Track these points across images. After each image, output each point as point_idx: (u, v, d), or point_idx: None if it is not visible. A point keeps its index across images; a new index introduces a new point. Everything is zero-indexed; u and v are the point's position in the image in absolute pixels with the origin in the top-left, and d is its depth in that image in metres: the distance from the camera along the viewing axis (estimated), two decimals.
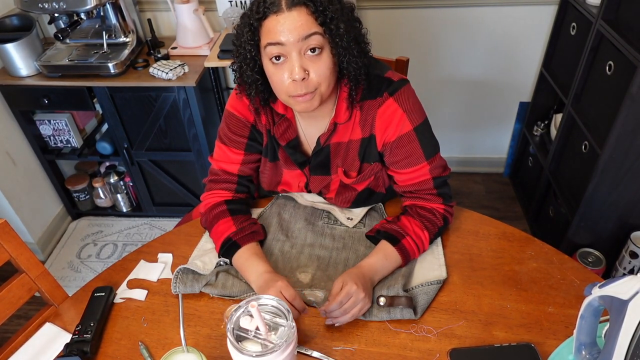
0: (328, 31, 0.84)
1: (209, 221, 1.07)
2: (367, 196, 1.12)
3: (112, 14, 1.92)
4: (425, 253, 1.04)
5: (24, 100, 2.02)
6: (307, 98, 0.89)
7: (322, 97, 0.90)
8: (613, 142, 1.49)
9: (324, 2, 0.83)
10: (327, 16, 0.83)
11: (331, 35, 0.85)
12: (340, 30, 0.85)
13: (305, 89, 0.87)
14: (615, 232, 1.73)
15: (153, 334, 0.92)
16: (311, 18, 0.83)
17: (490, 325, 0.90)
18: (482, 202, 2.43)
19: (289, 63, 0.85)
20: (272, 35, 0.84)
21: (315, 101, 0.90)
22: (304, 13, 0.83)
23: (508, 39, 2.14)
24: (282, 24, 0.83)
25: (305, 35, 0.83)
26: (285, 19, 0.82)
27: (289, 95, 0.89)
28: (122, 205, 2.43)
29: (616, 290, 0.60)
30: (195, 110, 1.96)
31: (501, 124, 2.44)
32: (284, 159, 1.08)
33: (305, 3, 0.82)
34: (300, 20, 0.82)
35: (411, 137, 0.98)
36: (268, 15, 0.83)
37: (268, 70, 0.90)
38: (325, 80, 0.88)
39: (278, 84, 0.89)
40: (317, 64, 0.86)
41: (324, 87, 0.89)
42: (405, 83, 0.98)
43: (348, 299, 0.87)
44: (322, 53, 0.86)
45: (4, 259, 0.93)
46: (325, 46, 0.86)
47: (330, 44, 0.86)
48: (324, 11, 0.83)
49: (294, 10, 0.82)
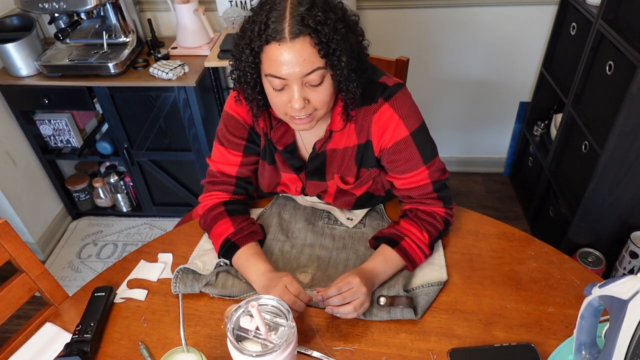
0: (330, 63, 0.83)
1: (208, 223, 1.07)
2: (367, 200, 1.12)
3: (112, 14, 1.92)
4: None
5: (24, 100, 2.02)
6: (305, 121, 0.90)
7: (319, 118, 0.91)
8: (613, 142, 1.49)
9: (328, 33, 0.80)
10: (330, 47, 0.81)
11: (332, 67, 0.83)
12: (342, 63, 0.83)
13: (306, 112, 0.87)
14: (615, 232, 1.73)
15: (153, 334, 0.92)
16: (314, 50, 0.80)
17: (490, 325, 0.90)
18: (482, 202, 2.43)
19: (290, 92, 0.85)
20: (274, 67, 0.82)
21: (313, 122, 0.91)
22: (308, 44, 0.80)
23: (508, 39, 2.14)
24: (285, 57, 0.80)
25: (307, 71, 0.82)
26: (288, 51, 0.80)
27: (286, 114, 0.90)
28: (122, 205, 2.43)
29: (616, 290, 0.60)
30: (195, 110, 1.96)
31: (501, 124, 2.44)
32: (281, 162, 1.08)
33: (310, 34, 0.79)
34: (304, 55, 0.80)
35: (408, 142, 0.97)
36: (270, 41, 0.80)
37: (268, 92, 0.89)
38: (325, 106, 0.89)
39: (276, 105, 0.90)
40: (318, 93, 0.86)
41: (323, 111, 0.90)
42: (400, 88, 0.97)
43: (348, 288, 0.87)
44: (323, 82, 0.85)
45: (4, 259, 0.94)
46: (326, 76, 0.85)
47: (331, 73, 0.85)
48: (328, 43, 0.81)
49: (298, 41, 0.79)
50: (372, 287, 0.93)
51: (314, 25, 0.79)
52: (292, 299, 0.87)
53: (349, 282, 0.87)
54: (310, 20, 0.79)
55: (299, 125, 0.91)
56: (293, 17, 0.79)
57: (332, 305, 0.88)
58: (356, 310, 0.87)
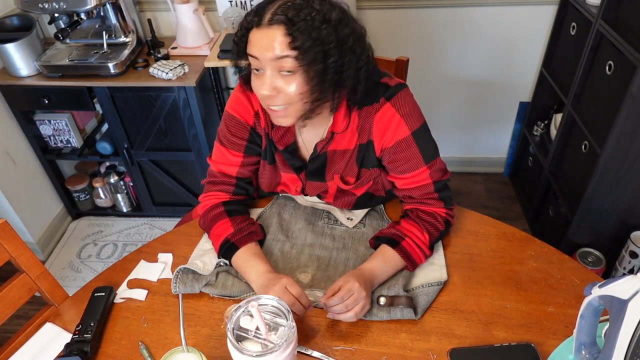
0: (300, 57, 0.82)
1: (207, 223, 1.07)
2: (367, 200, 1.12)
3: (112, 14, 1.92)
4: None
5: (24, 100, 2.02)
6: (279, 114, 0.90)
7: (296, 115, 0.90)
8: (613, 142, 1.49)
9: (303, 28, 0.80)
10: (303, 42, 0.80)
11: (303, 62, 0.82)
12: (316, 64, 0.82)
13: (274, 102, 0.87)
14: (615, 232, 1.73)
15: (153, 334, 0.92)
16: (286, 40, 0.81)
17: (490, 325, 0.90)
18: (482, 202, 2.43)
19: (264, 77, 0.86)
20: (251, 47, 0.85)
21: (289, 119, 0.90)
22: (280, 33, 0.81)
23: (508, 39, 2.14)
24: (259, 39, 0.83)
25: (277, 56, 0.82)
26: (262, 34, 0.82)
27: (266, 106, 0.90)
28: (122, 205, 2.43)
29: (616, 290, 0.60)
30: (195, 110, 1.96)
31: (501, 123, 2.44)
32: (281, 162, 1.08)
33: (284, 22, 0.81)
34: (275, 40, 0.81)
35: (409, 142, 0.97)
36: (252, 27, 0.84)
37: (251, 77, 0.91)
38: (295, 102, 0.87)
39: (255, 91, 0.90)
40: (288, 85, 0.85)
41: (295, 108, 0.88)
42: (402, 87, 0.98)
43: (350, 295, 0.87)
44: (294, 75, 0.84)
45: (4, 259, 0.94)
46: (298, 70, 0.84)
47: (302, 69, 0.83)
48: (301, 36, 0.80)
49: (272, 28, 0.81)
50: (371, 288, 0.93)
51: (291, 17, 0.81)
52: (291, 299, 0.87)
53: (349, 289, 0.87)
54: (290, 13, 0.81)
55: (275, 118, 0.92)
56: (278, 7, 0.82)
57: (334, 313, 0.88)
58: (357, 315, 0.88)
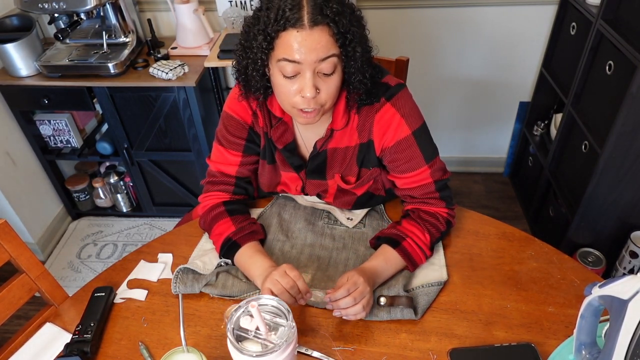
0: (344, 53, 0.84)
1: (208, 223, 1.07)
2: (367, 199, 1.12)
3: (112, 14, 1.92)
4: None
5: (24, 100, 2.02)
6: (311, 115, 0.90)
7: (325, 112, 0.92)
8: (613, 142, 1.49)
9: (346, 24, 0.82)
10: (347, 38, 0.83)
11: (347, 57, 0.85)
12: (357, 54, 0.85)
13: (315, 105, 0.87)
14: (615, 232, 1.73)
15: (153, 334, 0.92)
16: (332, 39, 0.82)
17: (490, 325, 0.90)
18: (482, 202, 2.43)
19: (301, 80, 0.85)
20: (289, 51, 0.82)
21: (318, 116, 0.92)
22: (326, 33, 0.81)
23: (508, 39, 2.14)
24: (302, 42, 0.81)
25: (323, 57, 0.82)
26: (306, 37, 0.80)
27: (293, 107, 0.89)
28: (122, 205, 2.43)
29: (616, 290, 0.60)
30: (195, 110, 1.96)
31: (501, 123, 2.44)
32: (281, 161, 1.08)
33: (329, 24, 0.81)
34: (322, 42, 0.81)
35: (410, 142, 0.98)
36: (288, 28, 0.81)
37: (276, 81, 0.88)
38: (332, 98, 0.90)
39: (284, 95, 0.89)
40: (328, 84, 0.87)
41: (330, 104, 0.91)
42: (402, 87, 0.98)
43: (355, 288, 0.86)
44: (334, 73, 0.86)
45: (4, 259, 0.93)
46: (338, 66, 0.86)
47: (343, 64, 0.86)
48: (346, 34, 0.82)
49: (317, 29, 0.80)
50: (373, 286, 0.93)
51: (333, 15, 0.81)
52: (290, 282, 0.86)
53: (355, 282, 0.87)
54: (328, 11, 0.80)
55: (304, 119, 0.91)
56: (310, 6, 0.80)
57: (341, 308, 0.87)
58: (365, 309, 0.87)
